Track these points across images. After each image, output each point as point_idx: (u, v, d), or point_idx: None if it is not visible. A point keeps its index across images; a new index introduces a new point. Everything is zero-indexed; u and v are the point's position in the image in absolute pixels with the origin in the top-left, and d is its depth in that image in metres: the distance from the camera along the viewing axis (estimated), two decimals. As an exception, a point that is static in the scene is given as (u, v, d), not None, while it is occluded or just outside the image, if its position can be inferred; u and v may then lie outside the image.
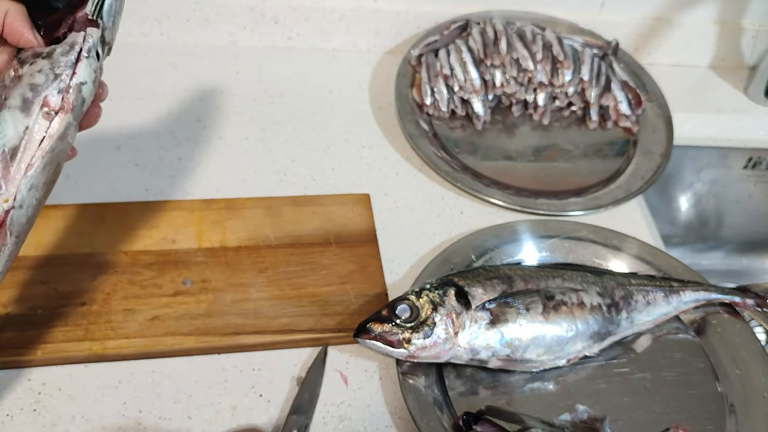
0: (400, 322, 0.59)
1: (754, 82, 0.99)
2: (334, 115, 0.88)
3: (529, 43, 0.90)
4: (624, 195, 0.81)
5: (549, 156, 0.87)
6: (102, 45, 0.50)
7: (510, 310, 0.61)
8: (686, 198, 1.06)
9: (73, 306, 0.63)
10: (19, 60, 0.48)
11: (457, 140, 0.86)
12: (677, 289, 0.68)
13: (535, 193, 0.81)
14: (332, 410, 0.60)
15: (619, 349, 0.66)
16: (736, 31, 1.02)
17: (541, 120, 0.89)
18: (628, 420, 0.61)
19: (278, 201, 0.75)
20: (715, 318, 0.69)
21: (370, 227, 0.74)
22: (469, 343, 0.60)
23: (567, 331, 0.62)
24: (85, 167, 0.75)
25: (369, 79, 0.94)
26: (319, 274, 0.69)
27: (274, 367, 0.62)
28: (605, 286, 0.65)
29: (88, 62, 0.48)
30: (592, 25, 0.98)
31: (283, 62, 0.93)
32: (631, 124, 0.89)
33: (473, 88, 0.87)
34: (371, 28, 0.95)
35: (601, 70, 0.91)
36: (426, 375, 0.61)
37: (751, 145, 1.00)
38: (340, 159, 0.82)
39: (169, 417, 0.58)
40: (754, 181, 1.06)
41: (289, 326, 0.64)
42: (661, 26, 1.01)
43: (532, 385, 0.63)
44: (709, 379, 0.65)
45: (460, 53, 0.89)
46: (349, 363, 0.63)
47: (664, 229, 1.05)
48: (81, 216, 0.70)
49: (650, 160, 0.86)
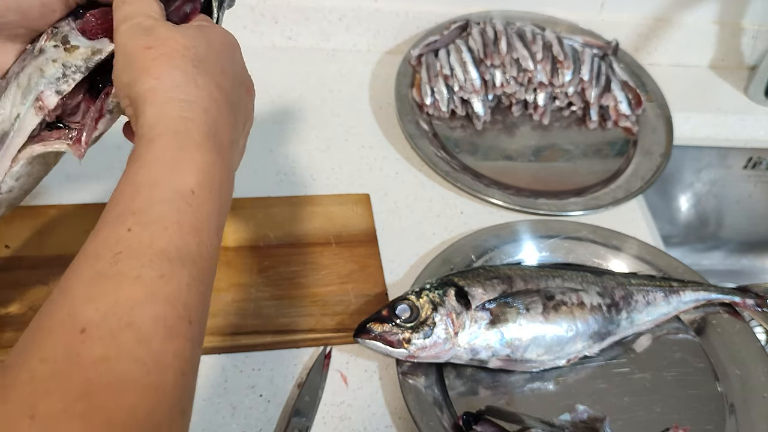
0: (400, 322, 0.59)
1: (754, 82, 0.99)
2: (334, 115, 0.88)
3: (529, 43, 0.90)
4: (624, 195, 0.81)
5: (549, 156, 0.87)
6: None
7: (510, 310, 0.61)
8: (686, 198, 1.06)
9: (73, 306, 0.63)
10: (53, 29, 0.45)
11: (457, 140, 0.86)
12: (677, 289, 0.68)
13: (535, 193, 0.81)
14: (332, 410, 0.60)
15: (619, 349, 0.66)
16: (736, 31, 1.02)
17: (541, 120, 0.89)
18: (628, 420, 0.61)
19: (278, 201, 0.75)
20: (715, 318, 0.69)
21: (370, 227, 0.74)
22: (469, 343, 0.60)
23: (567, 331, 0.62)
24: (85, 167, 0.75)
25: (369, 79, 0.94)
26: (319, 274, 0.69)
27: (274, 367, 0.62)
28: (605, 286, 0.65)
29: (110, 117, 0.46)
30: (592, 25, 0.98)
31: (283, 62, 0.93)
32: (631, 124, 0.89)
33: (473, 88, 0.87)
34: (371, 28, 0.95)
35: (601, 70, 0.91)
36: (426, 375, 0.61)
37: (751, 145, 1.00)
38: (340, 159, 0.82)
39: (169, 417, 0.58)
40: (754, 181, 1.06)
41: (289, 326, 0.64)
42: (661, 26, 1.01)
43: (532, 385, 0.63)
44: (709, 379, 0.65)
45: (460, 53, 0.89)
46: (349, 363, 0.63)
47: (664, 229, 1.05)
48: (81, 216, 0.70)
49: (650, 160, 0.86)
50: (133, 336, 0.33)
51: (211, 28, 0.47)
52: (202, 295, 0.38)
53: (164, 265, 0.35)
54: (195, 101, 0.41)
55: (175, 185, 0.38)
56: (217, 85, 0.44)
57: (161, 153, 0.39)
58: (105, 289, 0.34)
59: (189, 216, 0.38)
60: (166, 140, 0.40)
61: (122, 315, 0.33)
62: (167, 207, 0.37)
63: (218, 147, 0.42)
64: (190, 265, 0.37)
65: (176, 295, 0.35)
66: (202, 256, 0.38)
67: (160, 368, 0.33)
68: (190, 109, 0.41)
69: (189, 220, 0.38)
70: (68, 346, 0.32)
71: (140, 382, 0.32)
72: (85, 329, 0.32)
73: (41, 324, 0.34)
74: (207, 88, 0.43)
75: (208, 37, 0.46)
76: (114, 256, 0.35)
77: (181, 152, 0.39)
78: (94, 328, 0.32)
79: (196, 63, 0.43)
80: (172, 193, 0.38)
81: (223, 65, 0.45)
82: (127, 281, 0.34)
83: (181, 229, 0.37)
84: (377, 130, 0.86)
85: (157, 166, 0.39)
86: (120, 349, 0.32)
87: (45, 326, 0.34)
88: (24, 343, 0.34)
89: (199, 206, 0.39)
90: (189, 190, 0.38)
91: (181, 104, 0.41)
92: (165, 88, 0.41)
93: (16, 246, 0.67)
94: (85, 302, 0.34)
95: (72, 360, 0.31)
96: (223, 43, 0.47)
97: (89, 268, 0.35)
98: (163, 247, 0.36)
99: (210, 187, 0.40)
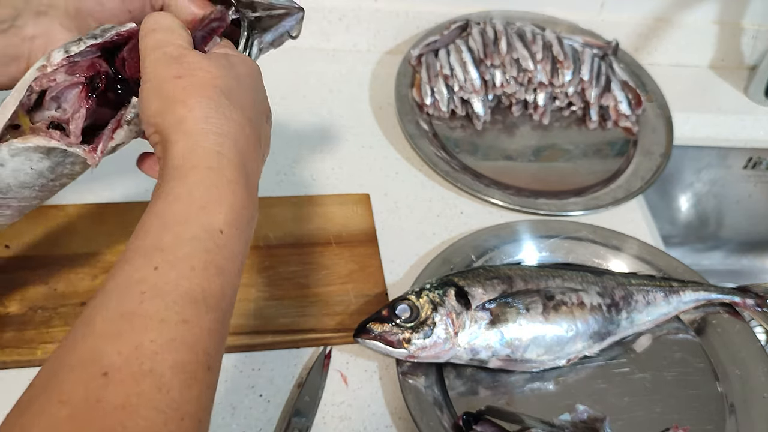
0: (400, 322, 0.59)
1: (754, 82, 0.99)
2: (334, 115, 0.88)
3: (529, 43, 0.90)
4: (624, 195, 0.81)
5: (549, 156, 0.87)
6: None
7: (510, 310, 0.61)
8: (686, 198, 1.06)
9: (73, 306, 0.63)
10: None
11: (457, 140, 0.86)
12: (677, 289, 0.68)
13: (535, 193, 0.81)
14: (332, 410, 0.60)
15: (619, 349, 0.66)
16: (736, 31, 1.02)
17: (541, 120, 0.89)
18: (628, 420, 0.61)
19: (278, 201, 0.75)
20: (715, 318, 0.69)
21: (370, 227, 0.74)
22: (469, 343, 0.60)
23: (567, 331, 0.62)
24: (85, 167, 0.75)
25: (369, 79, 0.94)
26: (319, 274, 0.68)
27: (274, 367, 0.62)
28: (605, 286, 0.65)
29: (129, 129, 0.47)
30: (592, 25, 0.98)
31: (283, 62, 0.93)
32: (631, 124, 0.89)
33: (473, 88, 0.87)
34: (371, 28, 0.95)
35: (601, 70, 0.91)
36: (426, 375, 0.61)
37: (751, 145, 1.00)
38: (340, 159, 0.82)
39: (169, 417, 0.58)
40: (754, 181, 1.06)
41: (289, 326, 0.64)
42: (661, 26, 1.01)
43: (532, 385, 0.63)
44: (709, 379, 0.65)
45: (460, 53, 0.89)
46: (349, 363, 0.63)
47: (664, 229, 1.05)
48: (81, 216, 0.70)
49: (650, 160, 0.86)
50: (154, 383, 0.33)
51: (236, 57, 0.47)
52: (222, 338, 0.38)
53: (188, 309, 0.35)
54: (227, 134, 0.41)
55: (205, 224, 0.38)
56: (246, 117, 0.43)
57: (194, 189, 0.39)
58: (128, 330, 0.34)
59: (216, 256, 0.38)
60: (200, 176, 0.39)
61: (144, 360, 0.33)
62: (196, 246, 0.37)
63: (246, 182, 0.41)
64: (214, 309, 0.37)
65: (198, 340, 0.35)
66: (225, 297, 0.38)
67: (178, 416, 0.33)
68: (223, 144, 0.41)
69: (216, 260, 0.37)
70: (89, 390, 0.32)
71: (157, 430, 0.32)
72: (107, 373, 0.32)
73: (63, 360, 0.34)
74: (237, 120, 0.42)
75: (235, 67, 0.45)
76: (140, 294, 0.35)
77: (214, 189, 0.39)
78: (116, 372, 0.32)
79: (227, 93, 0.43)
80: (202, 232, 0.38)
81: (250, 95, 0.45)
82: (151, 324, 0.34)
83: (206, 270, 0.37)
84: (377, 130, 0.86)
85: (189, 203, 0.38)
86: (140, 397, 0.32)
87: (67, 363, 0.33)
88: (46, 377, 0.33)
89: (226, 246, 0.38)
90: (218, 230, 0.38)
91: (214, 138, 0.40)
92: (197, 119, 0.41)
93: (16, 246, 0.67)
94: (108, 342, 0.33)
95: (92, 405, 0.31)
96: (249, 74, 0.47)
97: (114, 305, 0.35)
98: (189, 288, 0.36)
99: (238, 225, 0.39)
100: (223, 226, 0.39)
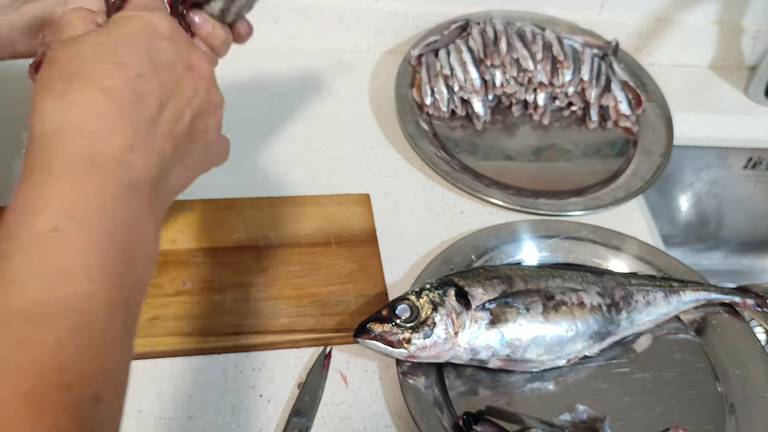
0: (400, 322, 0.59)
1: (754, 82, 0.99)
2: (334, 115, 0.88)
3: (529, 43, 0.90)
4: (624, 195, 0.81)
5: (549, 156, 0.87)
6: None
7: (510, 310, 0.61)
8: (686, 198, 1.06)
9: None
10: None
11: (457, 140, 0.86)
12: (677, 289, 0.68)
13: (535, 193, 0.81)
14: (332, 410, 0.60)
15: (619, 349, 0.66)
16: (736, 31, 1.02)
17: (541, 120, 0.89)
18: (628, 420, 0.61)
19: (278, 201, 0.75)
20: (715, 318, 0.69)
21: (370, 227, 0.74)
22: (469, 343, 0.60)
23: (567, 331, 0.62)
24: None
25: (369, 79, 0.94)
26: (319, 274, 0.69)
27: (274, 367, 0.62)
28: (605, 286, 0.65)
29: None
30: (592, 25, 0.98)
31: (283, 62, 0.93)
32: (631, 124, 0.89)
33: (473, 88, 0.87)
34: (371, 28, 0.95)
35: (601, 70, 0.91)
36: (426, 375, 0.61)
37: (751, 145, 1.00)
38: (340, 159, 0.82)
39: (169, 417, 0.58)
40: (754, 181, 1.06)
41: (289, 326, 0.64)
42: (661, 26, 1.01)
43: (532, 385, 0.63)
44: (709, 379, 0.65)
45: (460, 53, 0.89)
46: (349, 363, 0.63)
47: (664, 229, 1.05)
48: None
49: (650, 160, 0.86)
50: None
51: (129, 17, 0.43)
52: (91, 341, 0.31)
53: (22, 328, 0.30)
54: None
55: (33, 226, 0.32)
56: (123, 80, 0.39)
57: (24, 185, 0.34)
58: None
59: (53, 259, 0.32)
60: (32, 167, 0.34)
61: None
62: (26, 255, 0.32)
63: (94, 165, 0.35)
64: (63, 316, 0.31)
65: (45, 360, 0.30)
66: (88, 296, 0.32)
67: None
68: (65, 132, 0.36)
69: (52, 264, 0.32)
70: None
71: None
72: None
73: None
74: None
75: (114, 31, 0.41)
76: None
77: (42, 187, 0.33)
78: None
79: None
80: (30, 237, 0.32)
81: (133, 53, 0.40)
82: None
83: (42, 277, 0.31)
84: (377, 130, 0.86)
85: (16, 201, 0.33)
86: None
87: None
88: None
89: (66, 244, 0.33)
90: (49, 229, 0.32)
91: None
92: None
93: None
94: None
95: None
96: (141, 30, 0.42)
97: None
98: (22, 305, 0.30)
99: (78, 215, 0.33)
100: (57, 222, 0.33)
